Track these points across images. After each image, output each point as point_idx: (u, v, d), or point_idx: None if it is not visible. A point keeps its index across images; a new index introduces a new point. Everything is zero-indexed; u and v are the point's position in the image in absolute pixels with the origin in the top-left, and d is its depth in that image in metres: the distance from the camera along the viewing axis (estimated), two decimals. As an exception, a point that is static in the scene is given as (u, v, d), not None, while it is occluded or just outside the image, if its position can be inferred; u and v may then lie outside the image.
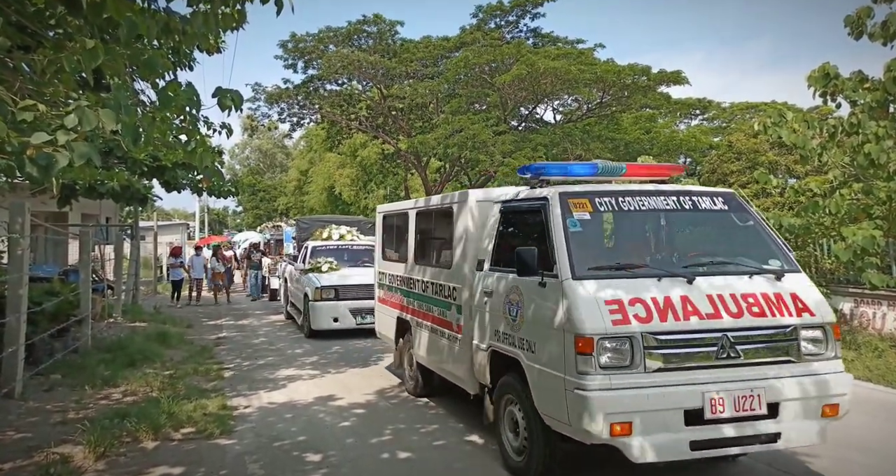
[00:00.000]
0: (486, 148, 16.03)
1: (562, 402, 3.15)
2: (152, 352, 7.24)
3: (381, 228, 6.71)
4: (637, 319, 3.10)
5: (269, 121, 21.04)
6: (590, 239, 3.61)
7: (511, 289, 3.74)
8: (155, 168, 8.49)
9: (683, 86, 17.56)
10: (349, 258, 10.16)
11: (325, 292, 8.90)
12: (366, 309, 8.38)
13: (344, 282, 9.06)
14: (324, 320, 8.86)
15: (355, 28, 18.97)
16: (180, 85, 3.95)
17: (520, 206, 4.04)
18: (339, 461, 4.02)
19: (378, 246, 6.80)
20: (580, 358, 3.05)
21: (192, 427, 4.60)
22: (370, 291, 7.91)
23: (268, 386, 6.21)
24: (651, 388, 3.03)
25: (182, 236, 29.10)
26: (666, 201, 3.77)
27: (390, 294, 6.20)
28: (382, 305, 6.49)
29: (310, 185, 35.03)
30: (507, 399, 3.85)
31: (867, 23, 8.24)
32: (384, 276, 6.44)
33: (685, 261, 3.75)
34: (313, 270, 9.47)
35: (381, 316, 6.56)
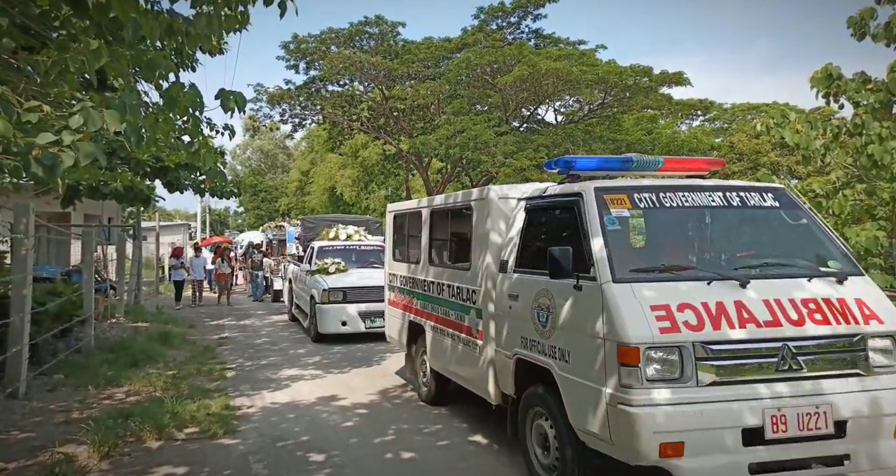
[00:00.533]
0: (487, 148, 16.03)
1: (602, 417, 2.87)
2: (155, 352, 7.25)
3: (391, 228, 6.44)
4: (687, 327, 2.81)
5: (270, 122, 21.07)
6: (630, 238, 3.30)
7: (540, 292, 3.46)
8: (158, 169, 8.53)
9: (685, 87, 17.57)
10: (357, 259, 9.87)
11: (332, 295, 8.59)
12: (375, 312, 8.20)
13: (352, 284, 8.74)
14: (332, 324, 8.56)
15: (357, 29, 19.00)
16: (183, 86, 3.97)
17: (548, 202, 3.75)
18: (343, 461, 4.03)
19: (388, 246, 6.58)
20: (624, 370, 2.76)
21: (195, 427, 4.61)
22: (380, 294, 7.71)
23: (270, 386, 6.22)
24: (704, 404, 2.73)
25: (184, 237, 29.14)
26: (711, 197, 3.44)
27: (402, 296, 5.94)
28: (393, 308, 6.22)
29: (311, 186, 35.06)
30: (535, 412, 3.58)
31: (870, 24, 8.23)
32: (395, 278, 6.17)
33: (735, 262, 3.40)
34: (320, 272, 9.17)
35: (392, 319, 6.28)
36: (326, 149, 28.08)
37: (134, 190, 8.80)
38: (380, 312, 7.80)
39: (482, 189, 4.42)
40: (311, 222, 12.12)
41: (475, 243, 4.38)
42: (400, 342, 6.03)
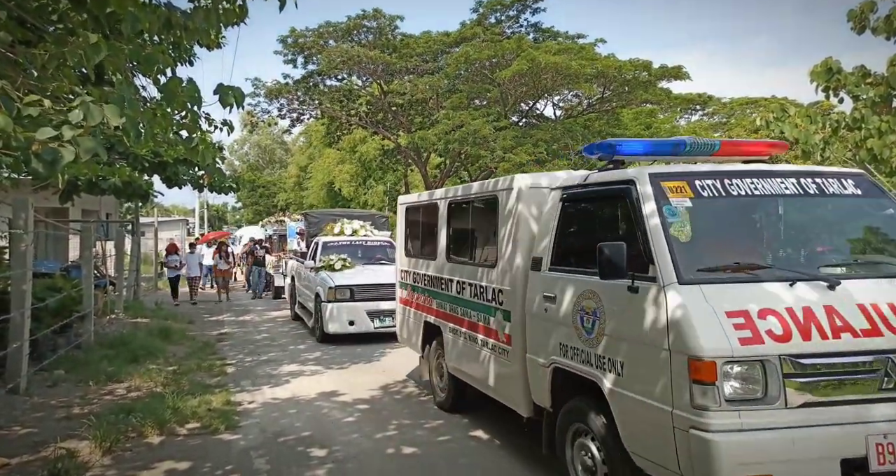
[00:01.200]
0: (486, 143, 16.01)
1: (667, 443, 2.47)
2: (155, 347, 7.25)
3: (403, 222, 6.03)
4: (771, 337, 2.40)
5: (268, 117, 21.00)
6: (695, 232, 2.82)
7: (584, 294, 3.05)
8: (156, 164, 8.50)
9: (684, 81, 17.54)
10: (363, 255, 9.48)
11: (339, 292, 8.15)
12: (385, 311, 7.94)
13: (360, 281, 8.32)
14: (338, 323, 8.12)
15: (355, 23, 18.90)
16: (182, 81, 3.94)
17: (590, 192, 3.30)
18: (345, 456, 4.04)
19: (400, 241, 6.17)
20: (697, 388, 2.35)
21: (196, 422, 4.61)
22: (389, 291, 7.49)
23: (271, 382, 6.22)
24: (796, 430, 2.32)
25: (181, 232, 29.09)
26: (784, 184, 2.97)
27: (416, 295, 5.53)
28: (406, 307, 5.82)
29: (309, 181, 35.00)
30: (577, 429, 3.17)
31: (870, 17, 8.20)
32: (408, 275, 5.75)
33: (817, 260, 2.97)
34: (325, 268, 8.76)
35: (405, 319, 5.87)
36: (324, 144, 28.00)
37: (133, 185, 8.78)
38: (389, 311, 7.65)
39: (509, 178, 4.00)
40: (314, 217, 11.73)
41: (501, 238, 3.96)
42: (413, 344, 5.64)
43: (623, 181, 3.02)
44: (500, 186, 4.11)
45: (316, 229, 11.07)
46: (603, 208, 3.35)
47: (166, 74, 4.58)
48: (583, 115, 19.58)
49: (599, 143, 3.46)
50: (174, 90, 3.85)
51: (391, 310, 7.55)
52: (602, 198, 3.30)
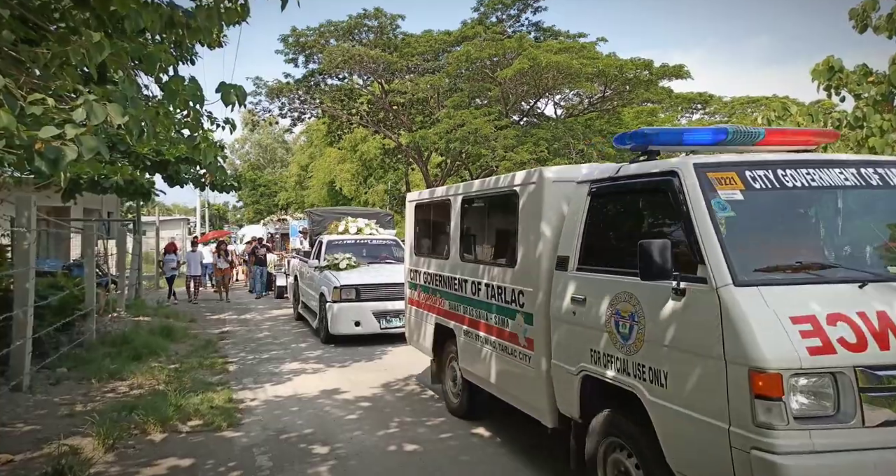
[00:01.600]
0: (487, 142, 16.01)
1: (722, 464, 2.23)
2: (157, 346, 7.27)
3: (412, 220, 5.78)
4: (844, 346, 2.14)
5: (269, 116, 21.02)
6: (747, 228, 2.56)
7: (620, 296, 2.79)
8: (158, 162, 8.51)
9: (686, 80, 17.52)
10: (368, 254, 9.24)
11: (345, 292, 7.92)
12: (391, 311, 7.85)
13: (366, 280, 8.10)
14: (344, 324, 7.88)
15: (356, 22, 18.90)
16: (184, 79, 3.95)
17: (624, 185, 3.03)
18: (347, 453, 4.06)
19: (409, 239, 5.87)
20: (760, 403, 2.09)
21: (199, 420, 4.63)
22: (396, 291, 7.49)
23: (273, 379, 6.24)
24: (876, 452, 2.07)
25: (183, 231, 29.12)
26: (843, 174, 2.69)
27: (427, 296, 5.28)
28: (416, 309, 5.56)
29: (310, 180, 35.02)
30: (610, 443, 2.92)
31: (872, 15, 8.20)
32: (418, 275, 5.50)
33: (886, 258, 2.66)
34: (330, 268, 8.54)
35: (414, 320, 5.63)
36: (325, 143, 28.00)
37: (134, 184, 8.80)
38: (396, 311, 7.64)
39: (531, 171, 3.74)
40: (318, 215, 11.43)
41: (522, 236, 3.70)
42: (423, 346, 5.40)
43: (663, 173, 2.71)
44: (520, 181, 3.81)
45: (320, 228, 10.84)
46: (639, 203, 3.04)
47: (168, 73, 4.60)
48: (584, 114, 19.57)
49: (632, 133, 3.15)
50: (176, 89, 3.86)
51: (398, 310, 7.56)
52: (638, 191, 2.98)
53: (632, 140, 3.14)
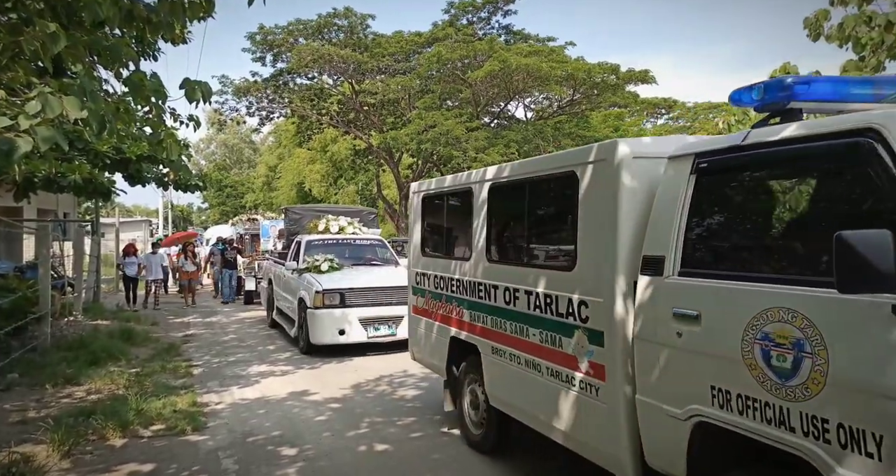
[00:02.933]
0: (459, 144, 16.09)
1: None
2: (117, 349, 7.03)
3: (419, 214, 4.99)
4: None
5: (236, 115, 20.61)
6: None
7: (776, 315, 1.97)
8: (118, 161, 8.23)
9: (651, 85, 18.01)
10: (351, 255, 8.50)
11: (328, 297, 7.15)
12: (379, 318, 7.22)
13: (351, 284, 7.35)
14: (327, 332, 7.10)
15: (325, 21, 18.75)
16: (146, 75, 3.85)
17: (760, 155, 2.19)
18: (316, 454, 4.01)
19: (415, 238, 5.06)
20: None
21: (162, 424, 4.50)
22: (383, 296, 7.15)
23: (239, 382, 6.12)
24: None
25: (144, 233, 28.21)
26: None
27: (439, 304, 4.50)
28: (424, 319, 4.78)
29: (279, 181, 34.47)
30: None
31: (824, 25, 8.62)
32: (426, 279, 4.72)
33: None
34: (310, 270, 7.78)
35: (422, 332, 4.83)
36: (294, 143, 27.64)
37: (93, 182, 8.49)
38: (385, 318, 7.23)
39: (600, 146, 2.89)
40: (296, 213, 10.54)
41: (585, 230, 2.90)
42: (434, 364, 4.67)
43: (851, 132, 1.88)
44: (580, 158, 3.00)
45: (297, 227, 10.08)
46: (790, 177, 2.21)
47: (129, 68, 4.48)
48: (553, 116, 19.88)
49: (766, 84, 2.33)
50: (138, 84, 3.75)
51: (387, 317, 7.22)
52: (788, 161, 2.16)
53: (767, 94, 2.31)
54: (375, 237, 9.52)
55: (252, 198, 38.93)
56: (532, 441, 3.64)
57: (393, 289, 7.31)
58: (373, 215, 10.96)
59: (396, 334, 7.20)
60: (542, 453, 3.78)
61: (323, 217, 9.60)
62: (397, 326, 7.20)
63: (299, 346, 7.71)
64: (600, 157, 2.85)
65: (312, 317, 7.22)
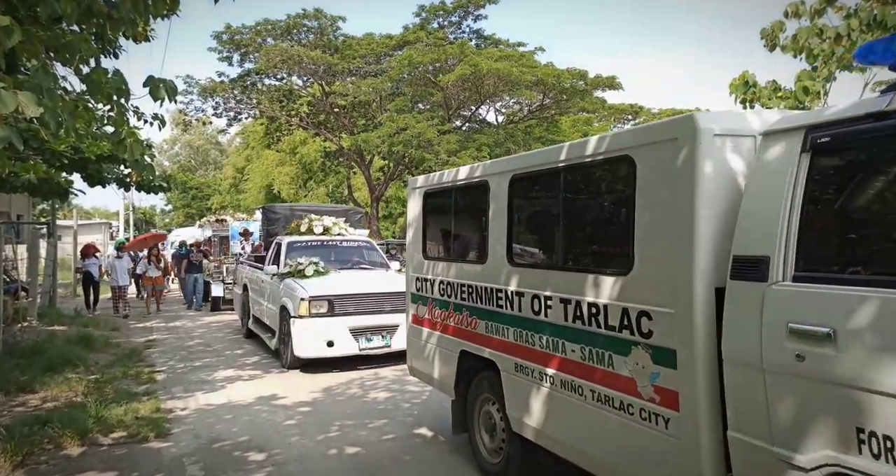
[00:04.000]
0: (431, 147, 16.13)
1: None
2: (75, 356, 6.76)
3: (420, 212, 4.49)
4: None
5: (202, 115, 20.16)
6: None
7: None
8: (76, 160, 7.94)
9: (618, 90, 18.46)
10: (337, 258, 7.83)
11: (314, 305, 6.46)
12: (372, 328, 6.60)
13: (340, 290, 6.69)
14: (314, 344, 6.40)
15: (295, 22, 18.54)
16: (107, 72, 3.75)
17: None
18: (285, 459, 3.95)
19: (415, 239, 4.55)
20: None
21: (123, 431, 4.36)
22: (376, 303, 6.65)
23: (205, 387, 5.97)
24: None
25: (104, 236, 27.22)
26: None
27: (445, 313, 3.98)
28: (427, 330, 4.27)
29: (246, 184, 33.82)
30: None
31: (780, 36, 9.03)
32: (429, 285, 4.21)
33: None
34: (293, 275, 7.08)
35: (424, 345, 4.30)
36: (263, 145, 27.16)
37: (49, 182, 8.17)
38: (379, 328, 6.61)
39: (670, 123, 2.42)
40: (275, 213, 9.69)
41: (646, 224, 2.42)
42: (439, 380, 4.13)
43: None
44: (641, 139, 2.52)
45: (277, 227, 9.22)
46: None
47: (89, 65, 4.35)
48: (523, 121, 20.14)
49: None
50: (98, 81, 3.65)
51: (380, 326, 6.64)
52: None
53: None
54: (363, 238, 8.85)
55: (218, 200, 38.08)
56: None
57: (386, 295, 6.75)
58: (359, 215, 10.23)
59: (391, 346, 6.61)
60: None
61: (305, 217, 8.75)
62: (392, 337, 6.63)
63: (281, 361, 6.94)
64: (670, 135, 2.34)
65: (297, 327, 6.47)
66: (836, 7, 8.57)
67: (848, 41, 8.14)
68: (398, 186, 24.18)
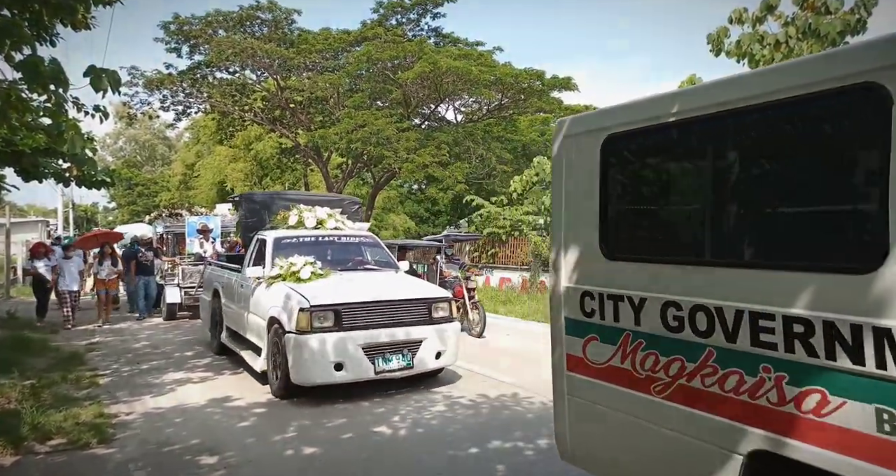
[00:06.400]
0: (390, 144, 16.04)
1: None
2: (7, 360, 6.35)
3: (596, 174, 2.62)
4: None
5: (148, 109, 19.30)
6: None
7: None
8: (9, 154, 7.45)
9: (573, 92, 18.88)
10: (335, 258, 6.40)
11: (317, 317, 5.08)
12: (389, 345, 5.24)
13: (350, 297, 5.30)
14: (317, 368, 5.03)
15: (248, 13, 18.02)
16: (42, 60, 3.58)
17: None
18: (239, 461, 3.85)
19: (577, 221, 2.73)
20: None
21: (62, 438, 4.13)
22: (393, 313, 5.33)
23: (152, 391, 5.73)
24: None
25: (41, 234, 25.66)
26: None
27: (687, 365, 2.22)
28: (619, 390, 2.49)
29: (197, 180, 32.61)
30: None
31: (724, 41, 9.50)
32: (631, 307, 2.44)
33: None
34: (286, 278, 5.71)
35: (613, 418, 2.52)
36: (215, 140, 26.28)
37: (-22, 177, 7.65)
38: (398, 345, 5.26)
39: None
40: (255, 202, 7.94)
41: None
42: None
43: None
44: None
45: (257, 220, 7.54)
46: None
47: (23, 52, 4.11)
48: (483, 120, 20.31)
49: None
50: (34, 69, 3.48)
51: (399, 342, 5.28)
52: None
53: None
54: (365, 233, 7.29)
55: (167, 197, 36.56)
56: None
57: (406, 303, 5.48)
58: (356, 205, 8.32)
59: (413, 366, 5.32)
60: None
61: (293, 207, 7.12)
62: (414, 355, 5.33)
63: (272, 387, 5.49)
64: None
65: (295, 346, 5.06)
66: (775, 15, 9.10)
67: (786, 48, 8.66)
68: (356, 184, 23.91)
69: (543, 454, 3.81)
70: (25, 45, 3.74)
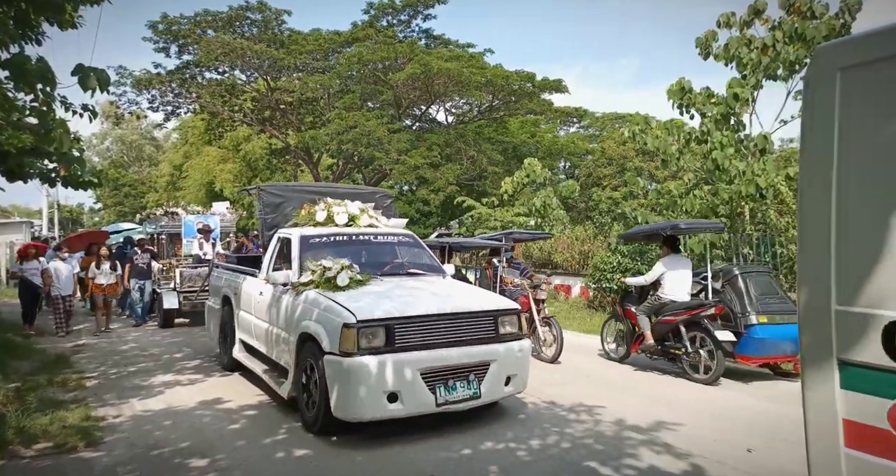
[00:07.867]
0: (381, 145, 16.03)
1: None
2: (-9, 364, 6.25)
3: None
4: None
5: (136, 109, 19.11)
6: None
7: None
8: (-6, 153, 7.33)
9: (564, 94, 19.01)
10: (370, 261, 5.32)
11: (366, 335, 4.08)
12: (453, 369, 4.25)
13: (402, 310, 4.28)
14: (367, 398, 4.02)
15: (237, 13, 17.95)
16: (29, 58, 3.53)
17: None
18: (229, 464, 3.80)
19: (881, 199, 1.72)
20: None
21: (48, 442, 4.05)
22: (454, 330, 4.33)
23: (141, 393, 5.66)
24: None
25: (25, 236, 25.25)
26: None
27: None
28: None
29: (185, 181, 32.31)
30: None
31: (713, 45, 9.61)
32: None
33: None
34: (318, 286, 4.71)
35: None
36: (204, 141, 26.07)
37: (-39, 177, 7.50)
38: (463, 369, 4.27)
39: None
40: (276, 195, 6.58)
41: None
42: None
43: None
44: None
45: (277, 215, 6.39)
46: None
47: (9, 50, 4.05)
48: (473, 121, 20.38)
49: None
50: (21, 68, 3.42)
51: (464, 366, 4.29)
52: None
53: None
54: (403, 231, 6.08)
55: (154, 198, 36.19)
56: None
57: (469, 316, 4.47)
58: (389, 199, 7.09)
59: (481, 396, 4.33)
60: None
61: (320, 200, 5.99)
62: (480, 382, 4.34)
63: (304, 420, 4.50)
64: None
65: (339, 371, 4.08)
66: (762, 19, 9.23)
67: (773, 51, 8.80)
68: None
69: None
70: (13, 43, 3.68)
